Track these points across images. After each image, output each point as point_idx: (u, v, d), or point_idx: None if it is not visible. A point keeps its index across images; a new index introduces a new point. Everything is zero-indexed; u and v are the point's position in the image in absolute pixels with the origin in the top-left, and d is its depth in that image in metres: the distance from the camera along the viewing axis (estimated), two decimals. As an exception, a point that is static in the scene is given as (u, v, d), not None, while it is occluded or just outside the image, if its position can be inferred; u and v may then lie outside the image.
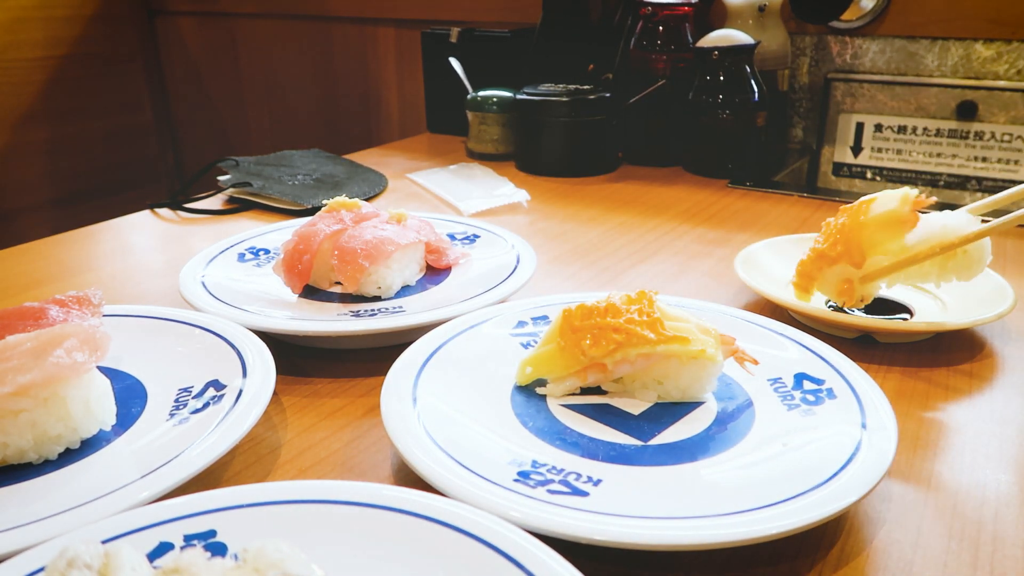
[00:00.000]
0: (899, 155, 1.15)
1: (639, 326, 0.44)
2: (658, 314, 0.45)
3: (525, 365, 0.47)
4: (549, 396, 0.46)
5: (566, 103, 1.03)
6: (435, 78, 1.30)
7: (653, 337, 0.44)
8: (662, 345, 0.44)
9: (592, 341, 0.44)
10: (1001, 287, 0.59)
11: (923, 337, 0.58)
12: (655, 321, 0.45)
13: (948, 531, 0.38)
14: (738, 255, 0.66)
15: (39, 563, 0.30)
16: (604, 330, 0.44)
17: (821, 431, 0.41)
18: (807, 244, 0.69)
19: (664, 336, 0.44)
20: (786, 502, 0.35)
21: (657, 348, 0.44)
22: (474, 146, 1.16)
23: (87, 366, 0.41)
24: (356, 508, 0.33)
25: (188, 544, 0.32)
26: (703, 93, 1.03)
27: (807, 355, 0.49)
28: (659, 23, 1.07)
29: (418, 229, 0.64)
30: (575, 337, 0.45)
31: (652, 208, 0.92)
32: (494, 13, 1.39)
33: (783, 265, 0.66)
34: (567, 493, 0.36)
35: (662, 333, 0.44)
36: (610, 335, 0.44)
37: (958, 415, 0.49)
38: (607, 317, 0.45)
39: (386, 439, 0.43)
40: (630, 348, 0.44)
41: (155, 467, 0.37)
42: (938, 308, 0.61)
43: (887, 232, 0.55)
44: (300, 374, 0.54)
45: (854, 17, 1.12)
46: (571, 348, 0.45)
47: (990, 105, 1.06)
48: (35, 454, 0.40)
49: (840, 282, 0.57)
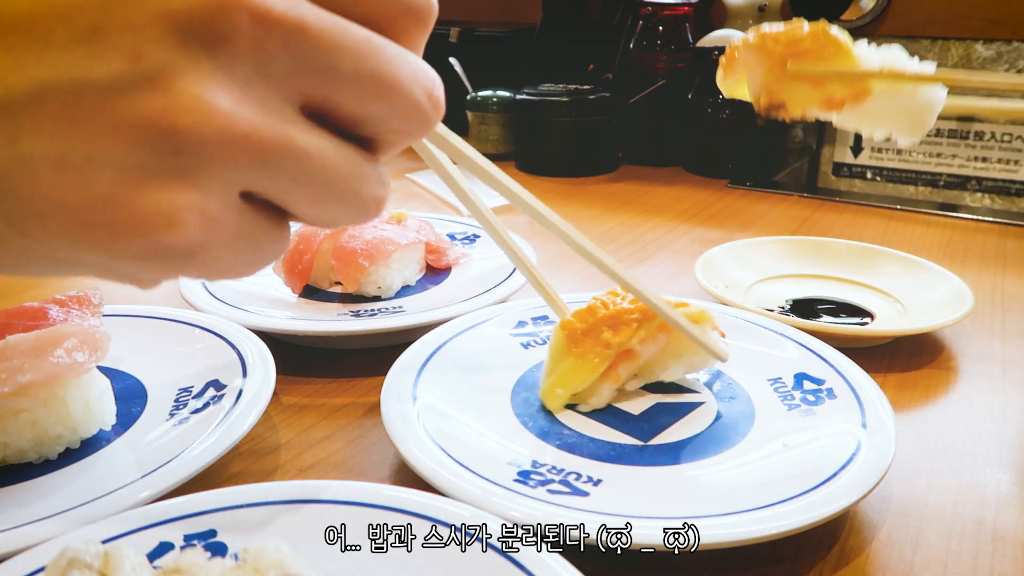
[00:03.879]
0: (899, 155, 1.15)
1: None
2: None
3: (553, 389, 0.44)
4: (589, 405, 0.45)
5: (566, 103, 1.03)
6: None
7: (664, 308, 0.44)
8: (672, 312, 0.44)
9: (613, 331, 0.44)
10: (961, 291, 0.60)
11: (883, 342, 0.57)
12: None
13: (948, 531, 0.38)
14: (698, 260, 0.66)
15: (39, 563, 0.30)
16: (619, 315, 0.44)
17: (821, 431, 0.41)
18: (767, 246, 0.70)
19: (670, 303, 0.44)
20: (786, 502, 0.35)
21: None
22: (474, 146, 1.15)
23: (87, 366, 0.41)
24: (356, 508, 0.33)
25: (188, 544, 0.32)
26: (703, 93, 1.03)
27: (807, 355, 0.49)
28: (659, 23, 1.07)
29: (418, 229, 0.64)
30: (589, 339, 0.44)
31: (652, 208, 0.92)
32: (494, 13, 1.39)
33: (742, 269, 0.67)
34: (567, 493, 0.36)
35: (667, 304, 0.44)
36: (626, 318, 0.44)
37: (958, 415, 0.49)
38: (611, 307, 0.45)
39: (386, 439, 0.42)
40: (650, 323, 0.44)
41: (155, 467, 0.37)
42: (928, 306, 0.61)
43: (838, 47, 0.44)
44: (300, 374, 0.54)
45: (854, 17, 1.12)
46: (591, 351, 0.44)
47: (990, 105, 1.06)
48: (35, 454, 0.40)
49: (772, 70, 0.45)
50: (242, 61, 0.20)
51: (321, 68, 0.21)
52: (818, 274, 0.68)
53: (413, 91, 0.22)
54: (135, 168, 0.19)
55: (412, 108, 0.22)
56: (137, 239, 0.20)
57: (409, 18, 0.23)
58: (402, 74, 0.22)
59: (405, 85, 0.22)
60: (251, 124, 0.20)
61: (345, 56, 0.21)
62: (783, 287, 0.66)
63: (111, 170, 0.19)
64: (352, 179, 0.22)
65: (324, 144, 0.21)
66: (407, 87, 0.22)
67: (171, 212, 0.20)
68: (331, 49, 0.21)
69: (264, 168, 0.21)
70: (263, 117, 0.20)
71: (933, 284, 0.63)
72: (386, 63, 0.21)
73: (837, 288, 0.66)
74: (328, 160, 0.22)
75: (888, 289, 0.64)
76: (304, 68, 0.20)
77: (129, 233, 0.20)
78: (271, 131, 0.20)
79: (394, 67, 0.22)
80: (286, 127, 0.21)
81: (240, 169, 0.20)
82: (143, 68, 0.19)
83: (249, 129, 0.20)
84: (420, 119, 0.23)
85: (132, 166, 0.19)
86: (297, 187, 0.22)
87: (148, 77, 0.19)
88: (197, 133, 0.19)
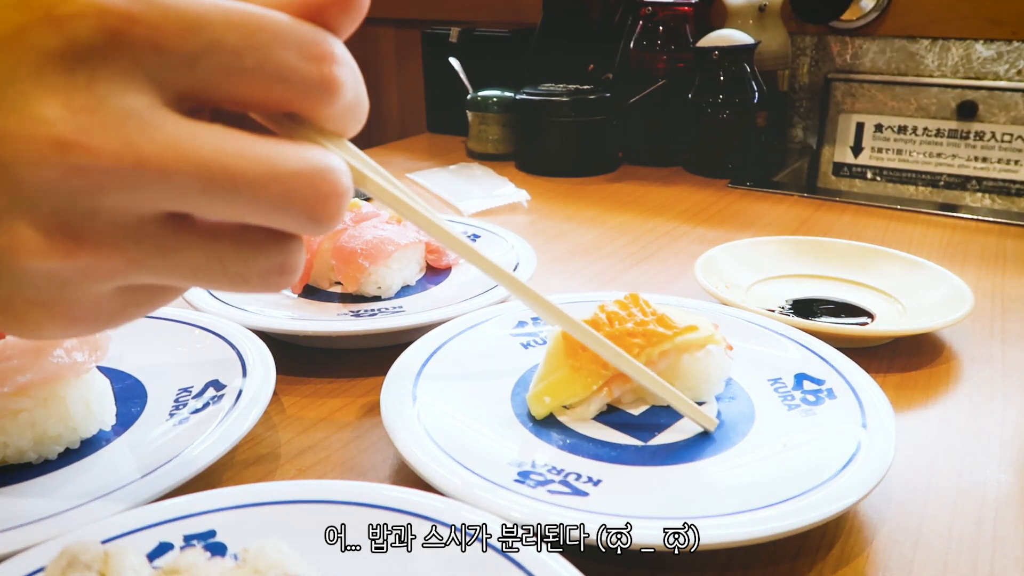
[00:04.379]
0: (899, 155, 1.15)
1: (653, 323, 0.43)
2: (661, 311, 0.45)
3: (541, 396, 0.43)
4: (578, 421, 0.43)
5: (566, 103, 1.03)
6: (435, 78, 1.30)
7: (669, 333, 0.43)
8: (679, 336, 0.43)
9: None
10: (961, 291, 0.60)
11: (883, 342, 0.57)
12: (662, 317, 0.44)
13: (948, 531, 0.38)
14: (698, 259, 0.65)
15: (39, 563, 0.30)
16: (621, 337, 0.43)
17: (821, 431, 0.41)
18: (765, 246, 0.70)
19: (678, 329, 0.43)
20: (786, 502, 0.35)
21: (676, 340, 0.43)
22: (474, 146, 1.16)
23: (87, 366, 0.41)
24: (356, 508, 0.33)
25: (188, 544, 0.32)
26: (703, 93, 1.03)
27: (807, 355, 0.49)
28: (659, 23, 1.07)
29: (418, 229, 0.64)
30: (588, 354, 0.43)
31: (652, 208, 0.92)
32: (494, 13, 1.39)
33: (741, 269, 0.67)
34: (567, 493, 0.36)
35: (674, 326, 0.43)
36: (628, 340, 0.42)
37: (958, 415, 0.49)
38: (614, 324, 0.44)
39: (386, 439, 0.42)
40: (652, 348, 0.43)
41: (155, 467, 0.37)
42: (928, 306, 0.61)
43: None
44: (300, 374, 0.54)
45: (854, 17, 1.12)
46: (587, 366, 0.43)
47: (990, 105, 1.06)
48: (35, 454, 0.40)
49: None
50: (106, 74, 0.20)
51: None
52: (818, 274, 0.68)
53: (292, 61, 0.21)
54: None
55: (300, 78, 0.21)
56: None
57: None
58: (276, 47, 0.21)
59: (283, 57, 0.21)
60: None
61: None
62: (783, 287, 0.66)
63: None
64: (255, 173, 0.21)
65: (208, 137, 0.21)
66: (284, 58, 0.21)
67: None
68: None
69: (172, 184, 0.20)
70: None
71: (933, 284, 0.63)
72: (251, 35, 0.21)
73: (837, 288, 0.66)
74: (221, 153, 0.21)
75: (888, 289, 0.64)
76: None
77: None
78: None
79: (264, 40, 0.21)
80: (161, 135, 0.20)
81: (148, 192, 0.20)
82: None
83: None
84: (316, 89, 0.22)
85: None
86: (198, 193, 0.21)
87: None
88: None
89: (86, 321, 0.23)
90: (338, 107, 0.23)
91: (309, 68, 0.21)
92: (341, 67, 0.22)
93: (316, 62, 0.22)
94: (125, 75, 0.20)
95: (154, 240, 0.21)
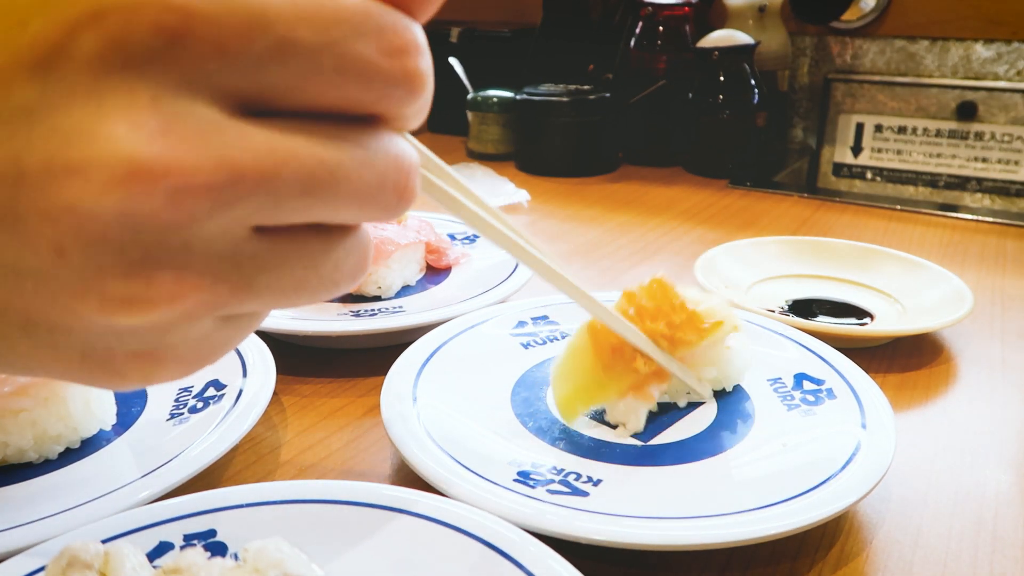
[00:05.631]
0: (899, 155, 1.15)
1: (683, 322, 0.42)
2: (689, 305, 0.43)
3: (570, 401, 0.42)
4: (626, 429, 0.43)
5: (566, 103, 1.04)
6: (435, 78, 1.30)
7: (695, 337, 0.43)
8: (708, 336, 0.43)
9: (644, 359, 0.41)
10: (961, 291, 0.60)
11: (883, 343, 0.57)
12: (691, 315, 0.43)
13: (948, 531, 0.38)
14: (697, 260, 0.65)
15: (39, 563, 0.30)
16: (653, 338, 0.42)
17: (821, 431, 0.41)
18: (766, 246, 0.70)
19: (705, 330, 0.43)
20: (786, 502, 0.35)
21: (704, 341, 0.43)
22: (474, 146, 1.16)
23: (87, 366, 0.41)
24: (356, 508, 0.33)
25: (188, 544, 0.32)
26: (703, 93, 1.03)
27: (807, 355, 0.49)
28: (659, 23, 1.07)
29: (418, 229, 0.64)
30: (618, 357, 0.41)
31: (652, 208, 0.92)
32: (494, 13, 1.39)
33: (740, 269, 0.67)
34: (567, 493, 0.36)
35: (702, 326, 0.43)
36: (661, 342, 0.42)
37: (958, 415, 0.49)
38: (646, 322, 0.42)
39: (386, 439, 0.43)
40: (684, 348, 0.42)
41: (155, 467, 0.37)
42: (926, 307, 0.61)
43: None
44: (300, 374, 0.54)
45: (854, 17, 1.12)
46: (618, 368, 0.42)
47: (990, 106, 1.06)
48: (35, 453, 0.40)
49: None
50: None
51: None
52: (818, 274, 0.68)
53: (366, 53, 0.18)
54: None
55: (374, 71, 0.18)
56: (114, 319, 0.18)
57: None
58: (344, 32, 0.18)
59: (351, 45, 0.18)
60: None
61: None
62: (783, 287, 0.66)
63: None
64: (351, 164, 0.19)
65: (288, 143, 0.18)
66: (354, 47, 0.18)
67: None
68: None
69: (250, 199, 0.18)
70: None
71: (933, 284, 0.63)
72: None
73: (837, 288, 0.66)
74: (303, 158, 0.18)
75: (888, 289, 0.64)
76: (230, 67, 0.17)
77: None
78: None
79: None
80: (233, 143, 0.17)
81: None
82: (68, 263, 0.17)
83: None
84: (401, 86, 0.19)
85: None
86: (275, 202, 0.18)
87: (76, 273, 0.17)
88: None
89: (190, 362, 0.21)
90: (419, 105, 0.20)
91: (391, 65, 0.19)
92: (425, 58, 0.20)
93: (399, 56, 0.19)
94: (190, 85, 0.17)
95: (252, 260, 0.19)
